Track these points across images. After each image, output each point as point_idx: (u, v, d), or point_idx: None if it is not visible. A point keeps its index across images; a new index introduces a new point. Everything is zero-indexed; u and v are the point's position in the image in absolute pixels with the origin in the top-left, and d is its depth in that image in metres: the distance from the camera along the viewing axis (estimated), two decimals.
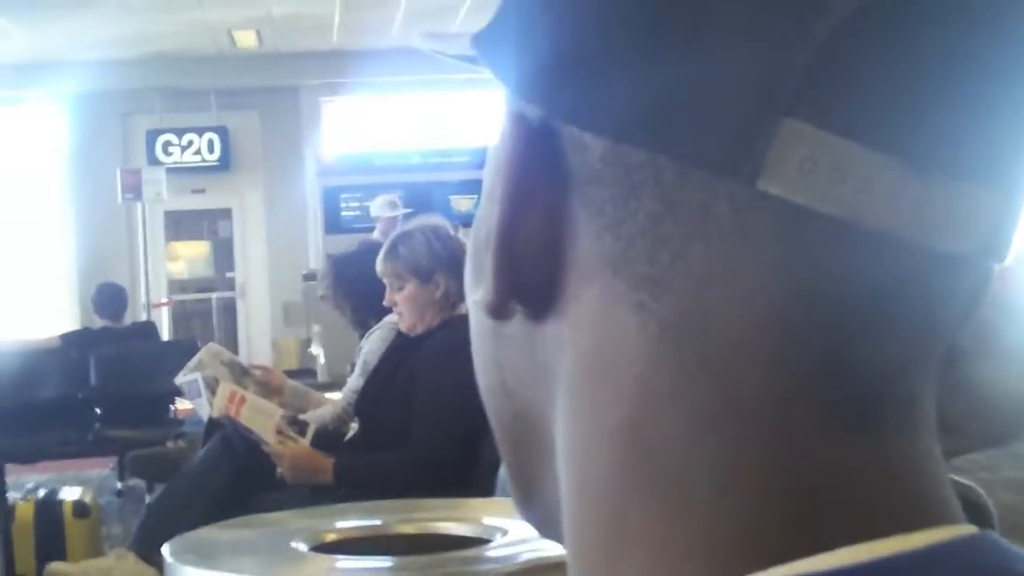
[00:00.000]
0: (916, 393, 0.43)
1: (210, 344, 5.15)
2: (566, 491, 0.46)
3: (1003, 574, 0.41)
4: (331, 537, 2.11)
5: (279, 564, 1.93)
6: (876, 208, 0.39)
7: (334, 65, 13.21)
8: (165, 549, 1.91)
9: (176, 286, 14.24)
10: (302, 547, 1.99)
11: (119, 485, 7.72)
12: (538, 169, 0.44)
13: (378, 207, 9.15)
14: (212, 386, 4.42)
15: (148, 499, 7.16)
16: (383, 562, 1.93)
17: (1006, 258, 0.42)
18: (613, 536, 0.44)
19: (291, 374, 5.33)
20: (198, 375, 4.44)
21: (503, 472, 3.65)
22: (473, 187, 12.09)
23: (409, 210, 8.81)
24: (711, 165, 0.40)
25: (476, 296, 0.47)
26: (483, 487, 3.49)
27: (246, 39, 12.92)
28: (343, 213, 12.35)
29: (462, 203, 12.01)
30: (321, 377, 9.69)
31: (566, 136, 0.44)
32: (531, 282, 0.45)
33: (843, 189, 0.39)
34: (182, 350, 7.64)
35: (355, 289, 4.72)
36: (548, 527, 0.50)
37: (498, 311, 0.46)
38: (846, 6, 0.39)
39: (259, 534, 2.21)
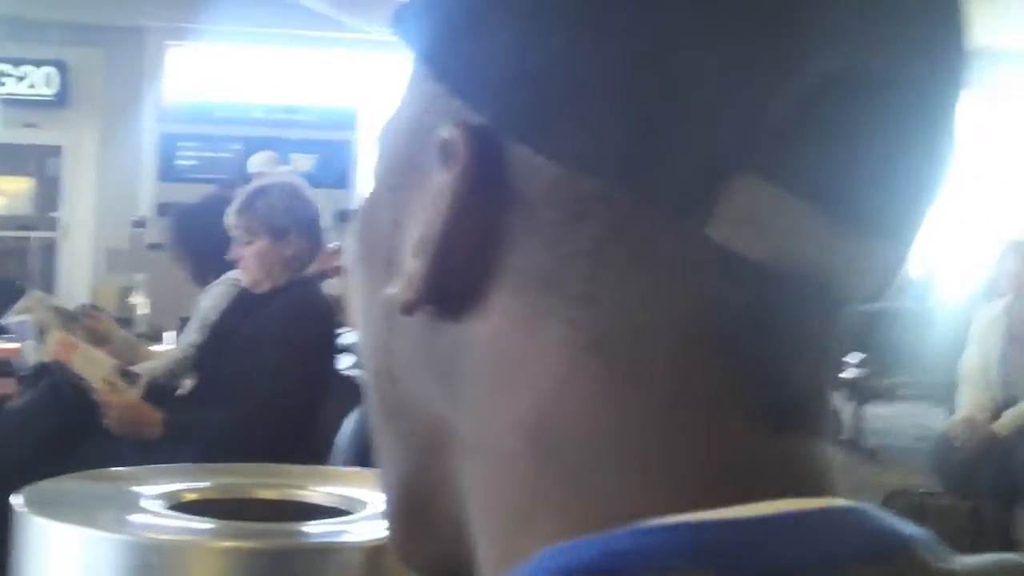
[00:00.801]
0: (818, 407, 0.48)
1: (32, 293, 5.03)
2: (474, 476, 0.49)
3: (880, 534, 0.45)
4: (189, 497, 2.06)
5: (134, 521, 1.87)
6: (799, 253, 0.45)
7: (184, 8, 12.93)
8: (16, 499, 1.84)
9: None
10: (157, 505, 1.93)
11: None
12: (483, 182, 0.46)
13: (260, 163, 8.89)
14: (41, 331, 4.31)
15: None
16: (244, 526, 1.89)
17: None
18: (522, 513, 0.47)
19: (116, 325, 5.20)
20: (28, 317, 4.32)
21: (338, 441, 3.65)
22: (315, 147, 11.99)
23: (290, 167, 8.65)
24: (667, 206, 0.44)
25: (387, 288, 0.50)
26: (316, 455, 3.46)
27: None
28: (179, 162, 12.11)
29: (303, 162, 11.84)
30: (139, 327, 9.48)
31: (514, 152, 0.46)
32: (455, 288, 0.47)
33: (777, 239, 0.44)
34: (5, 288, 7.41)
35: (198, 242, 4.65)
36: (436, 537, 0.53)
37: (411, 309, 0.48)
38: (810, 79, 0.44)
39: (112, 488, 2.14)
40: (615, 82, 0.44)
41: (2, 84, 13.19)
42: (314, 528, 1.96)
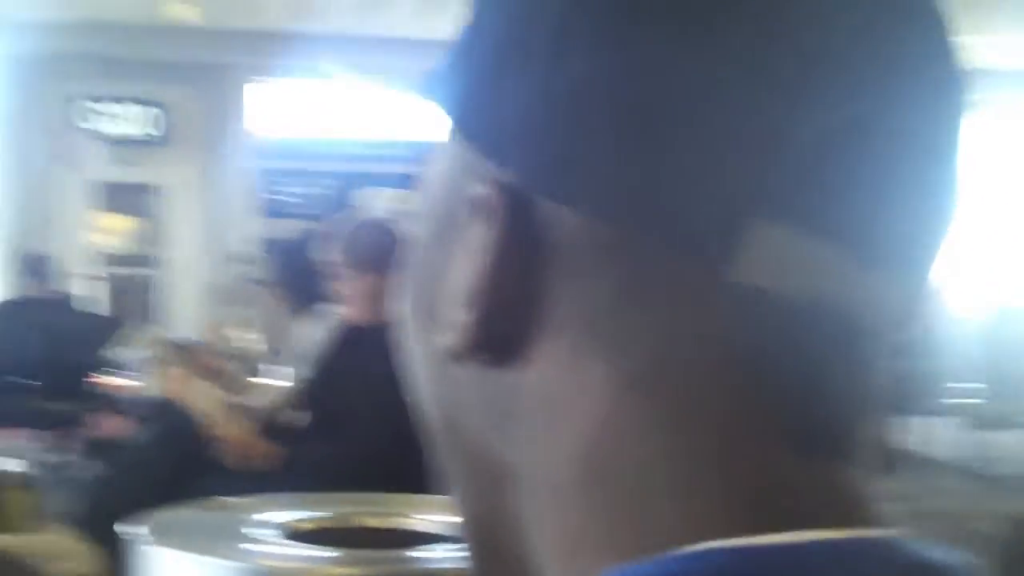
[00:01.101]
0: (855, 439, 0.49)
1: (153, 327, 5.14)
2: (532, 510, 0.51)
3: (906, 560, 0.46)
4: (302, 526, 2.11)
5: (251, 550, 1.93)
6: (825, 291, 0.47)
7: (278, 46, 13.09)
8: (128, 529, 1.90)
9: (104, 259, 14.05)
10: (271, 534, 1.99)
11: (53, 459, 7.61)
12: (516, 236, 0.48)
13: (387, 199, 8.96)
14: (158, 367, 4.41)
15: (76, 474, 7.06)
16: (356, 554, 1.94)
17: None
18: (576, 541, 0.49)
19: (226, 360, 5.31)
20: (146, 353, 4.43)
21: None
22: (407, 182, 12.03)
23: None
24: (688, 251, 0.46)
25: (437, 341, 0.51)
26: (424, 485, 3.48)
27: (188, 12, 12.78)
28: (278, 197, 12.26)
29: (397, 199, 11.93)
30: (246, 362, 9.61)
31: (542, 205, 0.48)
32: (500, 335, 0.49)
33: (799, 275, 0.46)
34: (111, 324, 7.58)
35: (296, 278, 4.71)
36: (508, 568, 0.54)
37: (461, 358, 0.50)
38: (824, 124, 0.46)
39: (226, 517, 2.20)
40: (628, 132, 0.46)
41: (104, 125, 13.43)
42: (422, 555, 1.99)
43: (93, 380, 7.75)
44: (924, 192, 0.49)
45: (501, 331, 0.49)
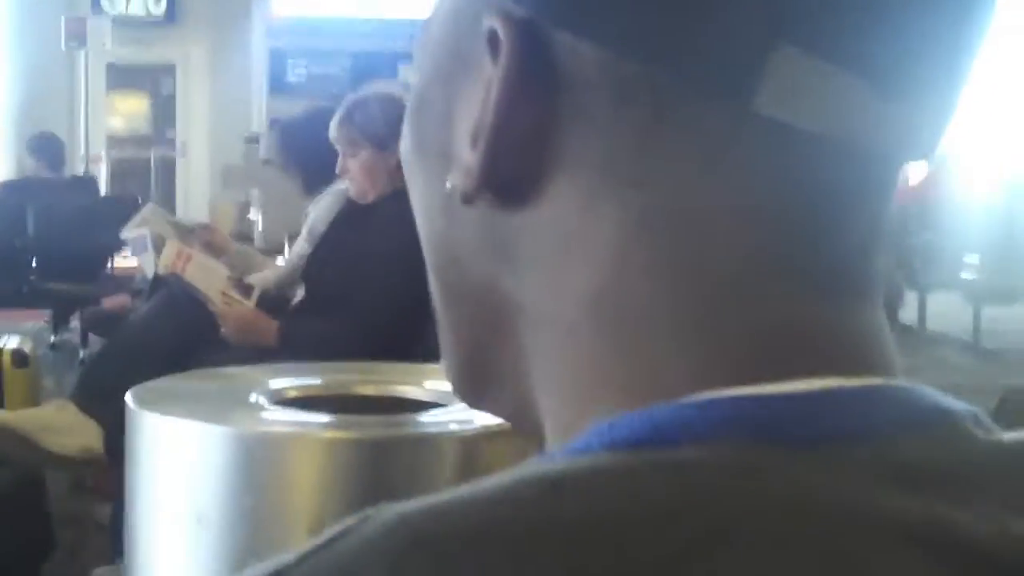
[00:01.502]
0: (870, 274, 0.49)
1: (149, 205, 5.14)
2: (538, 348, 0.51)
3: (923, 407, 0.46)
4: (291, 394, 2.13)
5: (243, 416, 1.95)
6: (847, 124, 0.46)
7: None
8: (128, 396, 1.92)
9: (115, 141, 14.05)
10: (263, 400, 2.01)
11: (53, 339, 7.69)
12: (530, 72, 0.47)
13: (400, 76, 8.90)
14: (158, 244, 4.41)
15: (82, 354, 7.15)
16: (346, 419, 1.95)
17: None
18: (583, 383, 0.49)
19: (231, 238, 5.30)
20: (146, 230, 4.42)
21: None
22: None
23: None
24: (710, 85, 0.45)
25: (447, 181, 0.51)
26: (426, 358, 3.50)
27: None
28: (289, 76, 12.21)
29: (410, 73, 11.88)
30: (258, 242, 9.65)
31: (558, 40, 0.47)
32: (511, 175, 0.48)
33: (822, 108, 0.45)
34: (121, 206, 7.59)
35: (304, 155, 4.69)
36: (507, 401, 0.55)
37: (471, 198, 0.49)
38: None
39: (218, 387, 2.22)
40: None
41: (114, 4, 13.37)
42: (413, 419, 2.01)
43: (103, 260, 7.79)
44: (947, 22, 0.47)
45: (511, 170, 0.48)
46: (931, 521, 0.42)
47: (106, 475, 3.84)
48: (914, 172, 9.13)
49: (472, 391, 0.57)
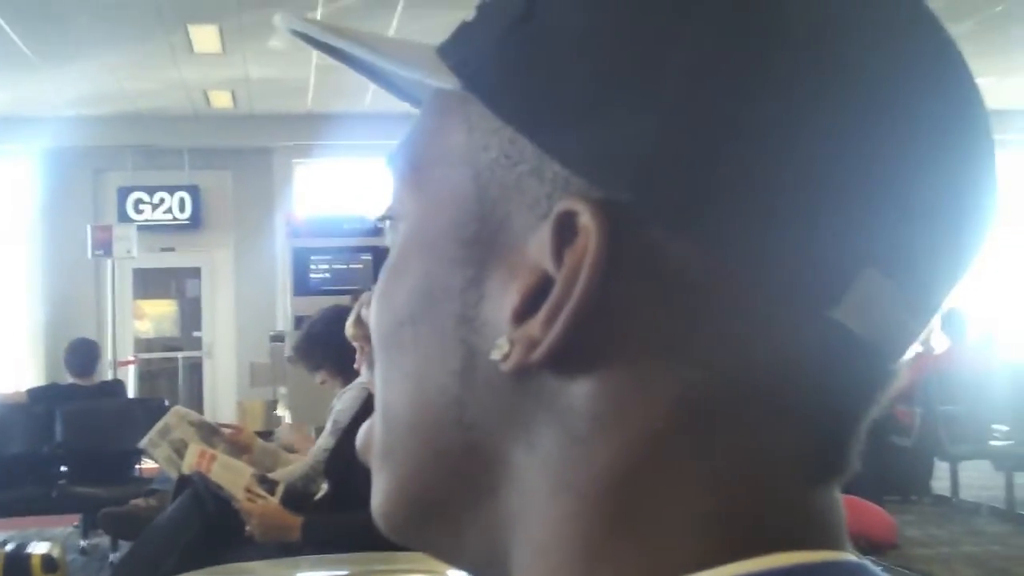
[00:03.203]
0: (852, 456, 0.53)
1: (176, 407, 5.19)
2: (532, 513, 0.51)
3: None
4: None
5: None
6: (889, 333, 0.50)
7: (307, 128, 13.28)
8: None
9: (142, 344, 14.18)
10: None
11: (83, 543, 7.67)
12: (617, 258, 0.48)
13: None
14: (180, 449, 4.45)
15: (112, 557, 7.13)
16: None
17: None
18: (586, 556, 0.49)
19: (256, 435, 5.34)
20: (172, 433, 4.47)
21: None
22: None
23: None
24: (800, 292, 0.48)
25: (476, 348, 0.51)
26: None
27: (221, 99, 12.98)
28: (312, 275, 12.34)
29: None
30: (286, 439, 9.65)
31: (650, 229, 0.48)
32: (575, 352, 0.49)
33: (881, 320, 0.49)
34: (148, 409, 7.66)
35: (328, 352, 4.74)
36: (462, 547, 0.55)
37: (525, 369, 0.50)
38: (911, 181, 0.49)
39: None
40: (763, 171, 0.47)
41: (140, 212, 13.63)
42: None
43: (131, 462, 7.82)
44: (962, 231, 0.51)
45: (578, 347, 0.49)
46: None
47: None
48: (937, 344, 9.15)
49: (410, 527, 0.57)
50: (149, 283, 14.10)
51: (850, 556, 0.50)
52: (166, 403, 8.43)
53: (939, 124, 0.49)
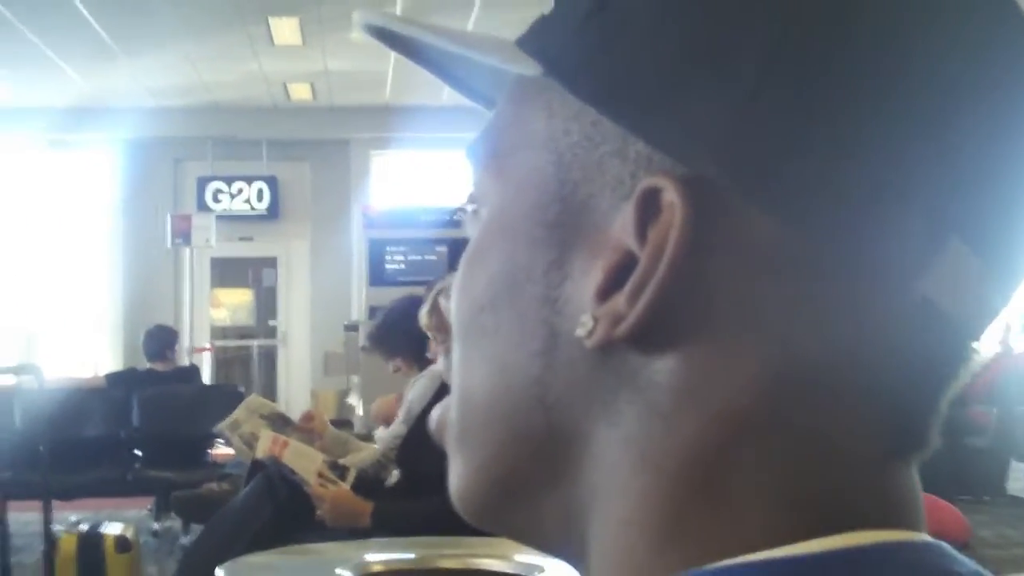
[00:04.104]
0: (933, 436, 0.52)
1: (249, 399, 5.24)
2: (615, 489, 0.51)
3: (937, 571, 0.48)
4: (376, 568, 2.17)
5: None
6: (972, 306, 0.50)
7: (385, 120, 13.36)
8: (218, 571, 1.97)
9: (218, 332, 14.34)
10: (347, 574, 2.05)
11: (156, 526, 7.78)
12: (702, 233, 0.48)
13: None
14: (251, 443, 4.50)
15: (183, 540, 7.23)
16: None
17: None
18: (667, 531, 0.49)
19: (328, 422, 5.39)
20: (247, 421, 4.52)
21: None
22: None
23: None
24: (886, 264, 0.48)
25: (561, 327, 0.52)
26: None
27: (301, 92, 13.10)
28: (387, 266, 12.40)
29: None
30: (358, 428, 9.73)
31: (738, 206, 0.48)
32: (661, 328, 0.49)
33: (966, 293, 0.49)
34: (223, 395, 7.75)
35: (402, 341, 4.78)
36: (541, 528, 0.56)
37: (611, 345, 0.50)
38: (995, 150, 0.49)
39: (306, 562, 2.27)
40: (847, 145, 0.47)
41: (219, 202, 13.78)
42: None
43: (204, 448, 7.92)
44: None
45: (664, 323, 0.49)
46: None
47: None
48: (1017, 344, 9.04)
49: (489, 509, 0.57)
50: (226, 272, 14.26)
51: (927, 537, 0.50)
52: (240, 389, 8.52)
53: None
